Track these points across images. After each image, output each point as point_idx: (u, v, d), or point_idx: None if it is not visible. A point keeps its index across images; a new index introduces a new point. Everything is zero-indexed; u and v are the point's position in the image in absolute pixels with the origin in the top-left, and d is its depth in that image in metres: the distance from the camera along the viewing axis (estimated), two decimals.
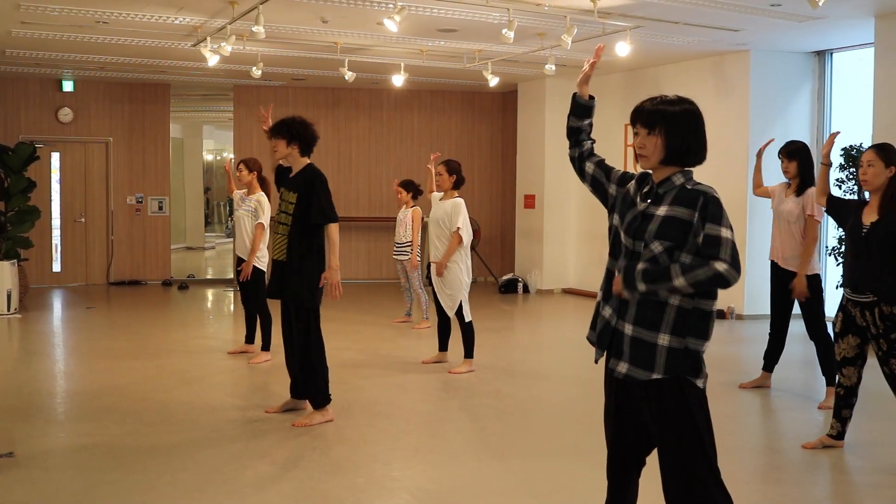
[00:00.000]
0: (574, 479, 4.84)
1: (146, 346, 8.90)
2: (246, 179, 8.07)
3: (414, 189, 10.00)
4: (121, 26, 9.58)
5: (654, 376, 2.98)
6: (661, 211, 2.97)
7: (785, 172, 6.74)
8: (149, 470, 4.94)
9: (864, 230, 5.04)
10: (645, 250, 2.97)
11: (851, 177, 9.89)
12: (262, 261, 7.99)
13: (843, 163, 10.01)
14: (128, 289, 14.10)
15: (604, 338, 3.11)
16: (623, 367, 3.03)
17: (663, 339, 2.96)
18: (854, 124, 10.35)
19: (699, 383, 3.04)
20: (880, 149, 5.14)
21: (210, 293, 13.85)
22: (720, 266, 2.86)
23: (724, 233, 2.89)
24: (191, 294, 13.64)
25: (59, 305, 12.39)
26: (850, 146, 9.95)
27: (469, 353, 7.64)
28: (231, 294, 13.39)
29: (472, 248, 14.51)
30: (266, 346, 8.03)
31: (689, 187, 2.99)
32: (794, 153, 6.68)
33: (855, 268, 5.07)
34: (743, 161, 10.90)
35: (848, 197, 8.76)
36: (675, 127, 3.05)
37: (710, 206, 2.91)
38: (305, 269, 5.75)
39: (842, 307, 5.21)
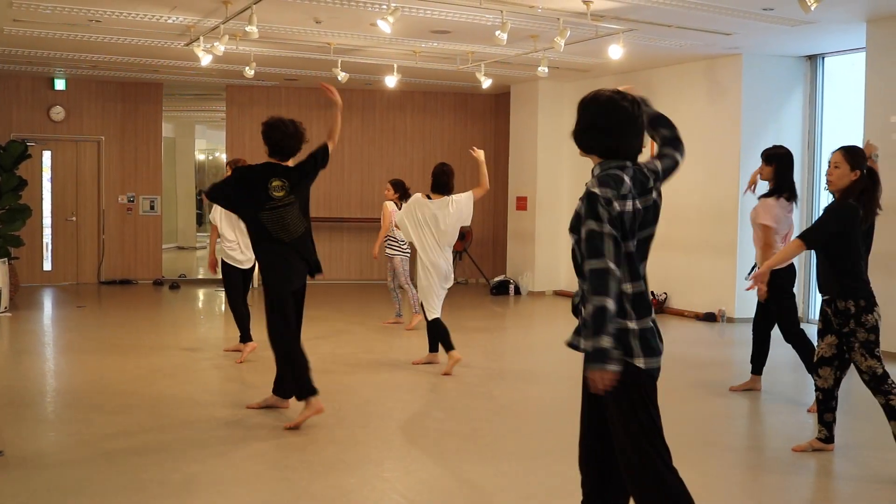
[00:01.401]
0: (565, 481, 4.83)
1: (137, 346, 8.88)
2: None
3: (402, 190, 9.89)
4: (113, 25, 9.56)
5: None
6: (577, 205, 3.12)
7: (759, 174, 6.80)
8: (139, 469, 4.93)
9: None
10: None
11: None
12: (234, 256, 8.09)
13: None
14: (119, 288, 14.07)
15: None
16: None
17: None
18: (845, 128, 10.39)
19: (638, 362, 3.06)
20: (847, 151, 5.17)
21: (201, 293, 13.83)
22: (586, 265, 2.98)
23: (587, 226, 2.98)
24: (182, 294, 13.61)
25: (49, 304, 12.35)
26: None
27: (448, 347, 7.57)
28: (222, 294, 13.35)
29: (464, 249, 14.63)
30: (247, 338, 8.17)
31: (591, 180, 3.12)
32: (772, 158, 6.71)
33: (817, 269, 5.23)
34: (734, 164, 10.94)
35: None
36: (580, 115, 3.24)
37: (584, 202, 3.03)
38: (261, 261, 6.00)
39: (821, 308, 5.29)
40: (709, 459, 5.29)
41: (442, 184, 7.68)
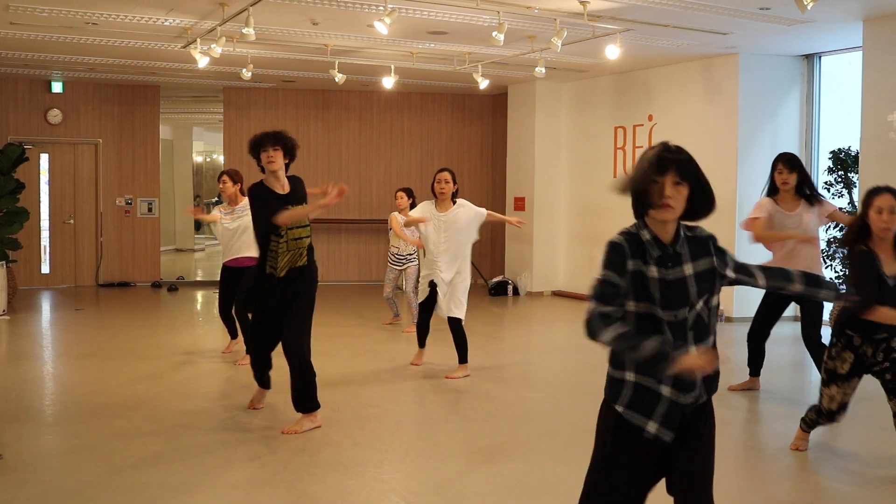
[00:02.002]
0: (562, 482, 4.84)
1: (135, 348, 8.88)
2: (230, 191, 8.14)
3: (413, 197, 10.02)
4: (110, 27, 9.55)
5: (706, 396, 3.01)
6: (690, 269, 2.90)
7: (784, 184, 6.64)
8: (137, 472, 4.93)
9: (892, 281, 4.73)
10: (691, 313, 2.88)
11: (840, 180, 9.95)
12: None
13: (831, 166, 10.06)
14: (117, 290, 14.06)
15: (674, 416, 2.93)
16: (690, 398, 2.92)
17: None
18: (842, 127, 10.41)
19: None
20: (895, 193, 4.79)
21: (199, 295, 13.82)
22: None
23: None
24: (180, 296, 13.61)
25: (47, 307, 12.34)
26: (839, 149, 10.01)
27: (465, 358, 7.66)
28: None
29: None
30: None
31: (691, 235, 2.96)
32: (796, 163, 6.66)
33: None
34: (732, 164, 10.94)
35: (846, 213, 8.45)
36: (698, 179, 2.92)
37: (719, 246, 3.00)
38: (316, 272, 6.00)
39: (851, 348, 4.93)
40: None
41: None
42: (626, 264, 2.86)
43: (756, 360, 7.07)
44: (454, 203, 7.56)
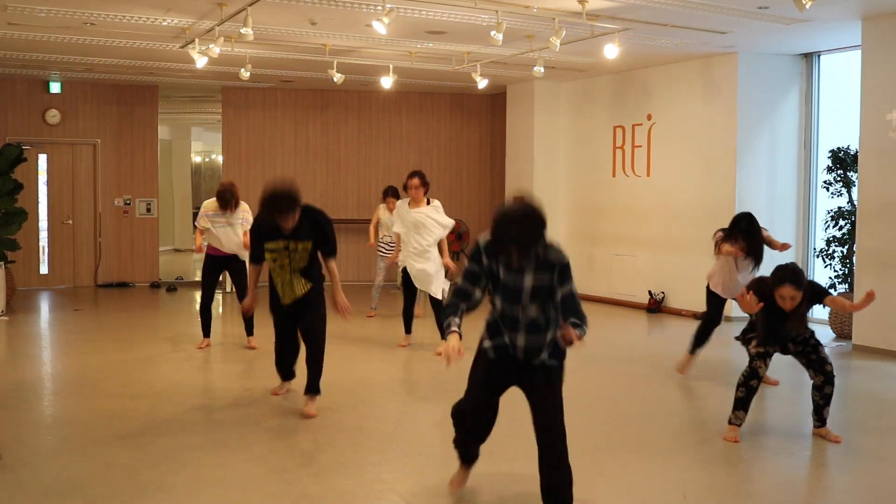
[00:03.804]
0: None
1: (133, 349, 8.87)
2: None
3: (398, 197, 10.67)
4: (108, 28, 9.54)
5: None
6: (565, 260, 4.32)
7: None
8: (136, 472, 4.93)
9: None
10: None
11: (839, 179, 9.95)
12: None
13: (830, 165, 10.06)
14: (115, 291, 14.05)
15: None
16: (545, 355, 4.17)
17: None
18: (841, 126, 10.41)
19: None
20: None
21: (198, 295, 13.79)
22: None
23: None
24: (178, 296, 13.60)
25: (46, 307, 12.33)
26: (838, 148, 10.01)
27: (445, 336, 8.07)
28: (219, 296, 13.34)
29: (462, 249, 14.64)
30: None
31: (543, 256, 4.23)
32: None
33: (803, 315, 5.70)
34: (731, 163, 10.94)
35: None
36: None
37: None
38: (321, 289, 6.26)
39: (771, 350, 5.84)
40: (697, 454, 5.30)
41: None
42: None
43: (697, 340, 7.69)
44: (428, 203, 8.35)
